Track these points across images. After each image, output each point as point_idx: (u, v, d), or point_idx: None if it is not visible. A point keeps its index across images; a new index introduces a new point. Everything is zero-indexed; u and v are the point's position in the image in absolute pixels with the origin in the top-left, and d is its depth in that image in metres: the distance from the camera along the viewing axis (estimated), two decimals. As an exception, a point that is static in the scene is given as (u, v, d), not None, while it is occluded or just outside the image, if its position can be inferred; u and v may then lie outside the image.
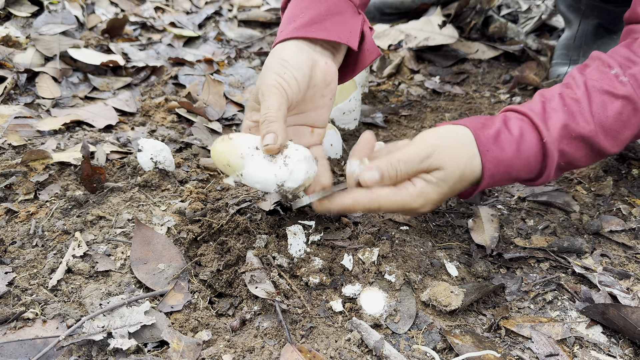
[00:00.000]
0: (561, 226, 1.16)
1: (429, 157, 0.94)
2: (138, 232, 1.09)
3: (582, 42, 1.72)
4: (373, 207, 0.96)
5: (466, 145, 0.96)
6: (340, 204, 0.98)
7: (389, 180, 0.95)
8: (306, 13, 1.06)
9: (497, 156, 0.95)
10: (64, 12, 2.03)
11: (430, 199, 0.96)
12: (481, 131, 0.97)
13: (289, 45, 1.03)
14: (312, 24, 1.05)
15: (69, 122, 1.47)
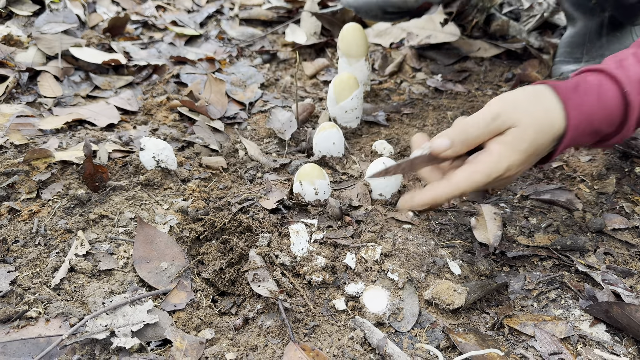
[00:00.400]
0: (564, 224, 1.16)
1: (499, 116, 0.89)
2: (140, 230, 1.09)
3: (585, 40, 1.71)
4: (456, 193, 0.92)
5: (542, 98, 0.91)
6: (421, 201, 0.94)
7: (460, 146, 0.91)
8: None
9: (579, 104, 0.90)
10: (65, 11, 2.03)
11: (514, 161, 0.89)
12: (558, 84, 0.93)
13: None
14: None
15: (71, 121, 1.47)
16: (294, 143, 1.46)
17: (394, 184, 1.22)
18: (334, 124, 1.37)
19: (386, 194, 1.22)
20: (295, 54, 1.97)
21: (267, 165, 1.36)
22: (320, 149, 1.36)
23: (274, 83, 1.79)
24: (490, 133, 0.90)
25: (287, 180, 1.29)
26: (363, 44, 1.59)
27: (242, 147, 1.42)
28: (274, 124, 1.50)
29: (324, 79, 1.83)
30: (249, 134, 1.51)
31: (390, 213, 1.19)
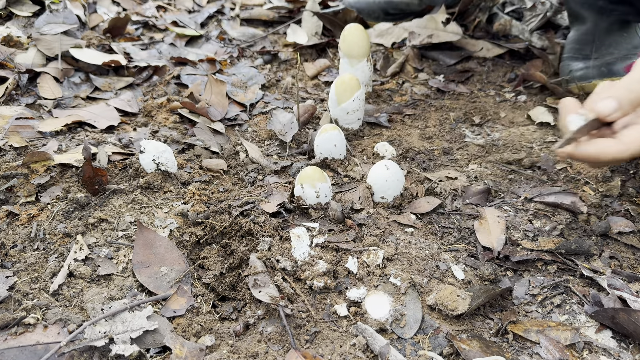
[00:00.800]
0: (569, 228, 1.15)
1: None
2: (140, 235, 1.08)
3: (595, 38, 1.69)
4: (625, 156, 0.87)
5: None
6: (584, 154, 0.90)
7: (628, 106, 0.87)
8: None
9: None
10: (65, 12, 2.02)
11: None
12: None
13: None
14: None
15: (71, 123, 1.46)
16: (295, 145, 1.45)
17: (396, 187, 1.21)
18: (336, 125, 1.36)
19: (388, 196, 1.21)
20: (296, 55, 1.95)
21: (268, 167, 1.34)
22: (322, 151, 1.35)
23: (275, 84, 1.78)
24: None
25: (288, 182, 1.28)
26: (365, 44, 1.57)
27: (242, 149, 1.41)
28: (275, 125, 1.48)
29: (325, 79, 1.81)
30: (250, 135, 1.50)
31: (393, 216, 1.18)
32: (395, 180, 1.20)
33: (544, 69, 1.79)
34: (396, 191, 1.22)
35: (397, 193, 1.22)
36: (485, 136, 1.50)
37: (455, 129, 1.54)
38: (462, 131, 1.53)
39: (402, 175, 1.21)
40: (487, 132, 1.52)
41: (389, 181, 1.19)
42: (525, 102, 1.66)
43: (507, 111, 1.62)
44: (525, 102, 1.66)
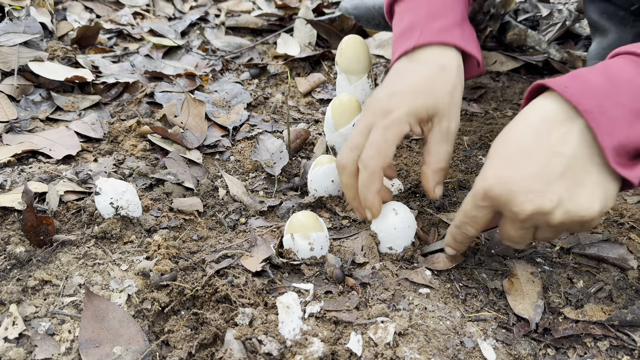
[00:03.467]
0: (617, 287, 0.94)
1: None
2: (89, 304, 0.87)
3: None
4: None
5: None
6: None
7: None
8: (447, 13, 1.00)
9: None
10: (28, 20, 1.80)
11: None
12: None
13: (459, 58, 0.98)
14: (454, 27, 0.98)
15: (21, 153, 1.24)
16: (285, 178, 1.23)
17: (407, 236, 1.00)
18: (333, 157, 1.15)
19: (397, 247, 1.00)
20: (287, 68, 1.74)
21: (252, 207, 1.13)
22: (317, 188, 1.14)
23: (263, 102, 1.56)
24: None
25: (276, 227, 1.07)
26: (365, 59, 1.36)
27: (222, 184, 1.19)
28: (262, 154, 1.27)
29: (320, 97, 1.60)
30: (232, 166, 1.28)
31: (403, 272, 0.97)
32: (406, 227, 0.99)
33: (566, 85, 1.58)
34: (407, 240, 1.00)
35: (408, 242, 1.01)
36: (505, 166, 1.29)
37: (470, 157, 1.33)
38: (479, 159, 1.32)
39: (413, 220, 1.00)
40: (508, 160, 1.31)
41: (398, 229, 0.98)
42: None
43: (528, 135, 1.41)
44: (548, 124, 1.46)
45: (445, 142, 0.95)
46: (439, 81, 0.95)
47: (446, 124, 0.94)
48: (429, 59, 0.97)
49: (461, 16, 1.02)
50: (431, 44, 0.97)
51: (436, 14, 1.00)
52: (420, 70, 0.96)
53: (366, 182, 0.93)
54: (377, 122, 0.93)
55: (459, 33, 0.99)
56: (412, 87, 0.94)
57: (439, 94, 0.94)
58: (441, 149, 0.95)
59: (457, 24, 1.00)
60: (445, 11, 1.00)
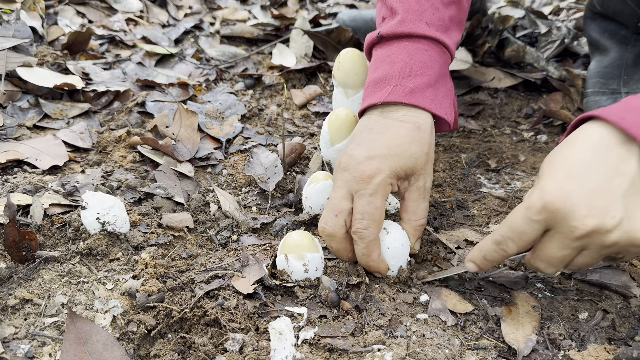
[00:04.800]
0: (620, 315, 0.91)
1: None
2: (71, 326, 0.82)
3: (621, 72, 1.49)
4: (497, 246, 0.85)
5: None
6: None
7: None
8: (424, 72, 0.99)
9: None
10: (17, 24, 1.76)
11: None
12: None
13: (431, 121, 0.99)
14: (428, 88, 0.99)
15: (6, 162, 1.19)
16: (279, 194, 1.20)
17: (401, 255, 0.96)
18: (329, 174, 1.11)
19: (392, 267, 0.97)
20: (282, 79, 1.71)
21: (244, 224, 1.09)
22: (312, 205, 1.10)
23: (258, 114, 1.53)
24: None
25: (269, 246, 1.03)
26: (363, 73, 1.33)
27: (214, 199, 1.16)
28: (256, 169, 1.23)
29: (315, 109, 1.57)
30: (225, 180, 1.24)
31: (400, 295, 0.94)
32: (399, 245, 0.95)
33: (565, 104, 1.57)
34: (401, 260, 0.97)
35: (403, 263, 0.97)
36: (504, 185, 1.27)
37: (468, 175, 1.30)
38: (477, 178, 1.29)
39: (406, 238, 0.97)
40: (507, 180, 1.28)
41: (391, 249, 0.95)
42: (547, 144, 1.43)
43: (527, 154, 1.39)
44: (546, 143, 1.44)
45: (423, 199, 0.97)
46: (415, 142, 0.95)
47: (422, 182, 0.96)
48: (403, 118, 0.97)
49: (438, 74, 1.01)
50: (402, 103, 0.97)
51: (411, 72, 0.99)
52: (396, 130, 0.95)
53: (366, 252, 0.91)
54: (360, 189, 0.91)
55: (431, 95, 0.98)
56: (390, 149, 0.93)
57: (417, 155, 0.94)
58: (420, 207, 0.97)
59: (430, 84, 0.99)
60: (422, 70, 0.99)
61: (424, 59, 1.00)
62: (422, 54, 1.01)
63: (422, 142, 0.95)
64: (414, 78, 0.98)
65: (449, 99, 1.04)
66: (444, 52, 1.04)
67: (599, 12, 1.58)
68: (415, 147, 0.94)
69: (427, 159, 0.96)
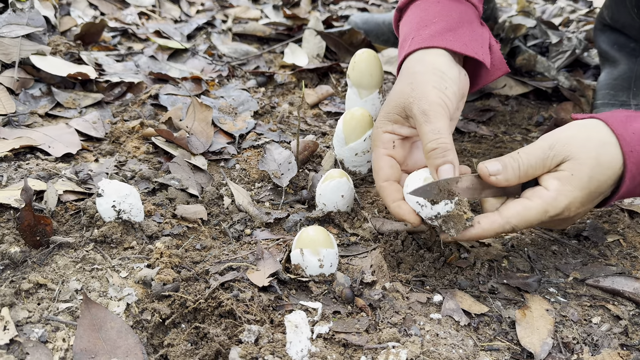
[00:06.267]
0: (632, 322, 0.91)
1: (552, 148, 0.86)
2: (86, 312, 0.82)
3: (631, 84, 1.50)
4: (506, 230, 0.88)
5: (595, 131, 0.88)
6: (467, 235, 0.88)
7: (511, 172, 0.87)
8: (439, 19, 1.01)
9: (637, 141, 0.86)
10: (31, 12, 1.75)
11: (574, 198, 0.86)
12: (625, 128, 0.87)
13: (437, 55, 0.97)
14: (447, 32, 1.00)
15: (19, 148, 1.19)
16: (292, 190, 1.20)
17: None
18: (343, 171, 1.11)
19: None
20: (294, 78, 1.71)
21: (258, 218, 1.09)
22: (325, 202, 1.10)
23: (270, 111, 1.53)
24: (544, 165, 0.87)
25: (282, 241, 1.03)
26: (378, 74, 1.34)
27: (228, 192, 1.16)
28: (269, 164, 1.23)
29: (327, 109, 1.58)
30: (238, 174, 1.24)
31: (414, 294, 0.94)
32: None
33: (575, 112, 1.58)
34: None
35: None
36: (515, 191, 1.27)
37: (479, 180, 1.30)
38: (488, 183, 1.29)
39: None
40: (518, 186, 1.29)
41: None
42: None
43: (538, 161, 1.39)
44: (557, 151, 1.44)
45: (424, 123, 0.91)
46: (401, 80, 0.98)
47: (417, 108, 0.92)
48: (411, 63, 0.99)
49: (457, 21, 1.03)
50: (419, 49, 1.00)
51: (427, 22, 1.03)
52: (396, 81, 1.01)
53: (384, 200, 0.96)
54: None
55: (451, 37, 1.00)
56: (386, 101, 1.00)
57: (400, 89, 0.97)
58: (422, 132, 0.91)
59: (449, 29, 1.01)
60: (437, 18, 1.02)
61: (437, 9, 1.04)
62: (434, 6, 1.05)
63: (406, 75, 0.97)
64: (430, 26, 1.01)
65: (478, 42, 1.02)
66: (460, 1, 1.06)
67: (608, 25, 1.60)
68: (397, 85, 0.98)
69: (412, 87, 0.94)
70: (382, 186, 0.95)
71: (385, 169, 0.96)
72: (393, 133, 0.98)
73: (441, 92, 0.93)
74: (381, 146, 0.98)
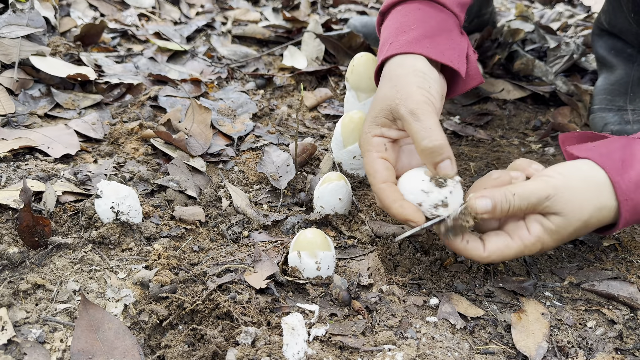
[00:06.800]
0: (627, 327, 0.92)
1: (548, 199, 0.86)
2: (84, 313, 0.82)
3: (627, 89, 1.51)
4: (482, 260, 0.90)
5: (597, 192, 0.88)
6: (455, 247, 0.90)
7: (499, 213, 0.87)
8: (418, 26, 1.03)
9: (637, 205, 0.88)
10: (31, 13, 1.76)
11: (548, 246, 0.90)
12: (621, 176, 0.88)
13: (416, 59, 0.99)
14: (424, 39, 1.01)
15: (18, 148, 1.19)
16: (290, 192, 1.20)
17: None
18: (341, 174, 1.12)
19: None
20: (293, 80, 1.72)
21: (256, 220, 1.10)
22: (323, 204, 1.11)
23: (269, 114, 1.54)
24: (534, 209, 0.88)
25: (280, 243, 1.03)
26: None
27: (226, 194, 1.16)
28: (267, 167, 1.24)
29: (326, 112, 1.58)
30: (236, 176, 1.25)
31: (410, 297, 0.94)
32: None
33: (573, 118, 1.59)
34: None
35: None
36: (512, 195, 1.27)
37: (476, 184, 1.31)
38: (485, 187, 1.30)
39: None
40: (515, 190, 1.29)
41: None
42: (555, 156, 1.44)
43: (535, 165, 1.40)
44: (554, 155, 1.45)
45: (411, 122, 0.90)
46: (384, 84, 0.99)
47: (403, 110, 0.91)
48: (390, 68, 1.00)
49: (435, 28, 1.04)
50: (397, 54, 1.00)
51: (406, 28, 1.03)
52: (378, 86, 1.02)
53: (381, 203, 0.94)
54: None
55: (428, 44, 1.01)
56: (370, 106, 1.01)
57: (384, 93, 0.97)
58: (411, 130, 0.90)
59: (426, 36, 1.02)
60: (415, 24, 1.03)
61: (418, 16, 1.05)
62: (415, 12, 1.06)
63: (388, 79, 0.98)
64: (408, 32, 1.02)
65: (455, 51, 1.03)
66: (441, 9, 1.08)
67: (606, 30, 1.61)
68: (381, 90, 0.98)
69: (396, 89, 0.94)
70: (381, 188, 0.94)
71: (382, 171, 0.96)
72: (383, 136, 0.98)
73: (425, 90, 0.93)
74: (373, 150, 0.97)
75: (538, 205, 0.87)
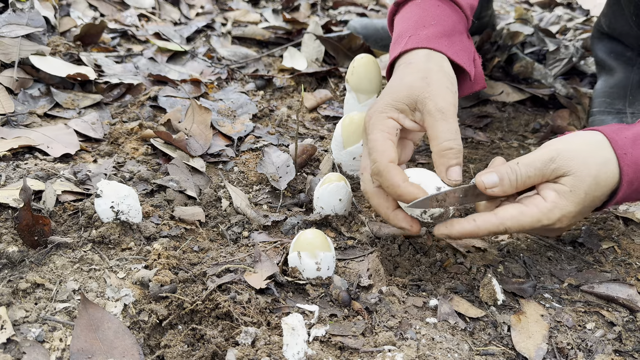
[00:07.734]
0: (626, 329, 0.92)
1: (553, 161, 0.87)
2: (84, 312, 0.82)
3: (627, 92, 1.51)
4: (499, 231, 0.88)
5: (598, 148, 0.89)
6: (460, 231, 0.89)
7: (508, 185, 0.87)
8: (437, 22, 1.03)
9: (637, 160, 0.88)
10: (31, 12, 1.76)
11: (567, 211, 0.87)
12: (617, 134, 0.89)
13: (443, 59, 0.99)
14: (443, 37, 1.02)
15: (18, 148, 1.19)
16: (290, 193, 1.20)
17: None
18: (342, 175, 1.12)
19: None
20: (293, 82, 1.72)
21: (255, 221, 1.10)
22: (323, 205, 1.11)
23: (268, 115, 1.54)
24: (542, 176, 0.88)
25: (280, 244, 1.03)
26: (376, 79, 1.35)
27: (226, 195, 1.16)
28: (267, 167, 1.24)
29: (325, 113, 1.58)
30: (236, 177, 1.25)
31: (410, 299, 0.94)
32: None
33: (572, 121, 1.59)
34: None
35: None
36: (512, 197, 1.28)
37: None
38: (485, 189, 1.30)
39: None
40: (514, 192, 1.30)
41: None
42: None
43: (534, 167, 1.40)
44: (553, 158, 1.45)
45: (437, 120, 0.90)
46: (408, 74, 0.98)
47: (432, 105, 0.91)
48: (410, 60, 1.00)
49: (452, 27, 1.05)
50: (418, 48, 1.00)
51: (426, 23, 1.04)
52: (400, 73, 1.00)
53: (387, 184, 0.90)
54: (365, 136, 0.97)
55: (447, 43, 1.02)
56: (388, 89, 0.98)
57: (410, 83, 0.95)
58: (437, 129, 0.90)
59: (445, 34, 1.03)
60: (435, 20, 1.04)
61: (437, 12, 1.06)
62: (434, 9, 1.06)
63: (417, 70, 0.97)
64: (428, 28, 1.03)
65: (466, 53, 1.05)
66: (457, 10, 1.08)
67: (606, 33, 1.61)
68: (409, 77, 0.97)
69: (427, 82, 0.94)
70: (389, 166, 0.89)
71: (390, 151, 0.91)
72: (398, 121, 0.96)
73: (453, 94, 0.94)
74: (385, 130, 0.93)
75: (544, 169, 0.87)
